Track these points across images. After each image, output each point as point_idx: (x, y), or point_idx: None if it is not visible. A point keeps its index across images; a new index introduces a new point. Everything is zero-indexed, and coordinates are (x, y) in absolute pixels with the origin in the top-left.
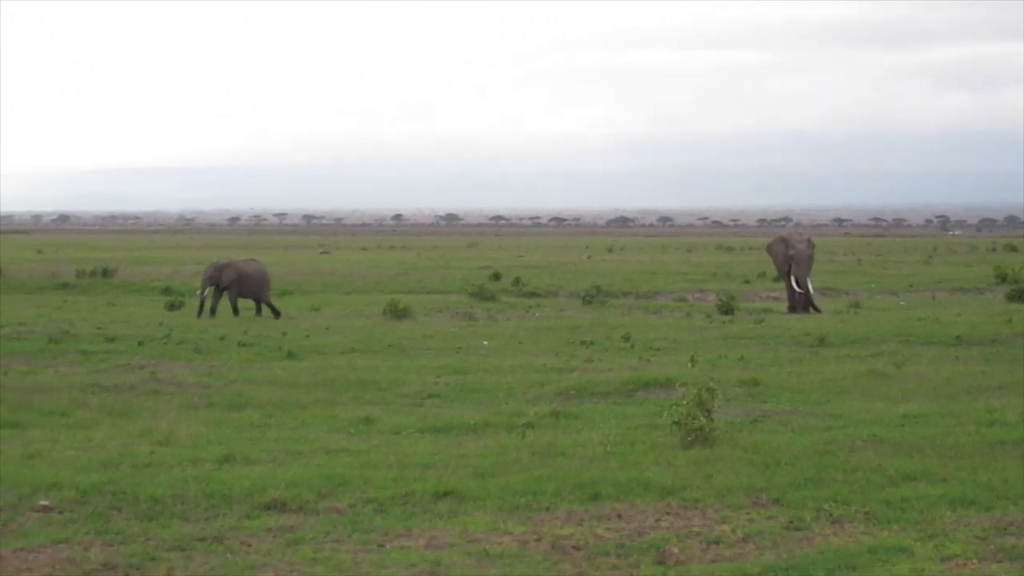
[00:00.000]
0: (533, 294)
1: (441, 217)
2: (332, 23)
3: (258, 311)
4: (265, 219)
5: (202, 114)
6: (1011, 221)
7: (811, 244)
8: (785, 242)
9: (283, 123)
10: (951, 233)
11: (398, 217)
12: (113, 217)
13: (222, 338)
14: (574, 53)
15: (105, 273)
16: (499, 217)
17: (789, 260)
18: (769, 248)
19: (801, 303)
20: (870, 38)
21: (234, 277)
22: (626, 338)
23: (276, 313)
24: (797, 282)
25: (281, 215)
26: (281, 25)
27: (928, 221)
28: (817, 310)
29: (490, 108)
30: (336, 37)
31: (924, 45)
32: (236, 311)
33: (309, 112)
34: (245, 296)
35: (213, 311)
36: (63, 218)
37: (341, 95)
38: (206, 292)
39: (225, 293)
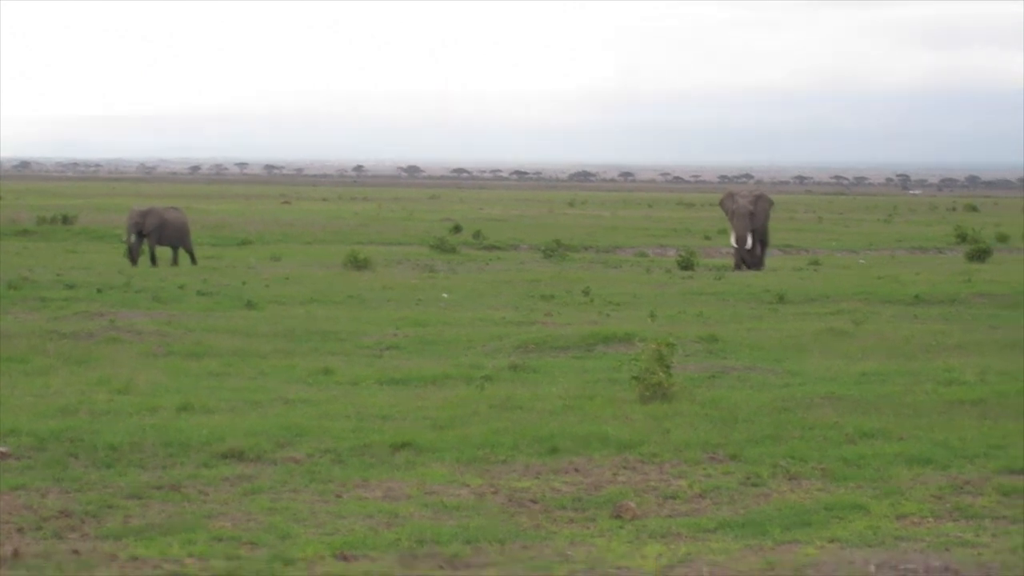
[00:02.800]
0: (493, 247)
1: (403, 169)
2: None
3: (175, 260)
4: (226, 168)
5: (164, 63)
6: (972, 181)
7: (758, 200)
8: (732, 197)
9: (246, 72)
10: (911, 192)
11: (359, 168)
12: (74, 164)
13: (181, 287)
14: (538, 6)
15: (65, 220)
16: (461, 170)
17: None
18: (721, 203)
19: (742, 259)
20: None
21: (156, 223)
22: (586, 292)
23: (194, 262)
24: (736, 238)
25: (242, 164)
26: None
27: (889, 180)
28: (749, 266)
29: (454, 60)
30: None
31: (889, 2)
32: (154, 260)
33: (272, 62)
34: (164, 244)
35: (134, 259)
36: (24, 164)
37: (305, 46)
38: (131, 238)
39: (145, 240)
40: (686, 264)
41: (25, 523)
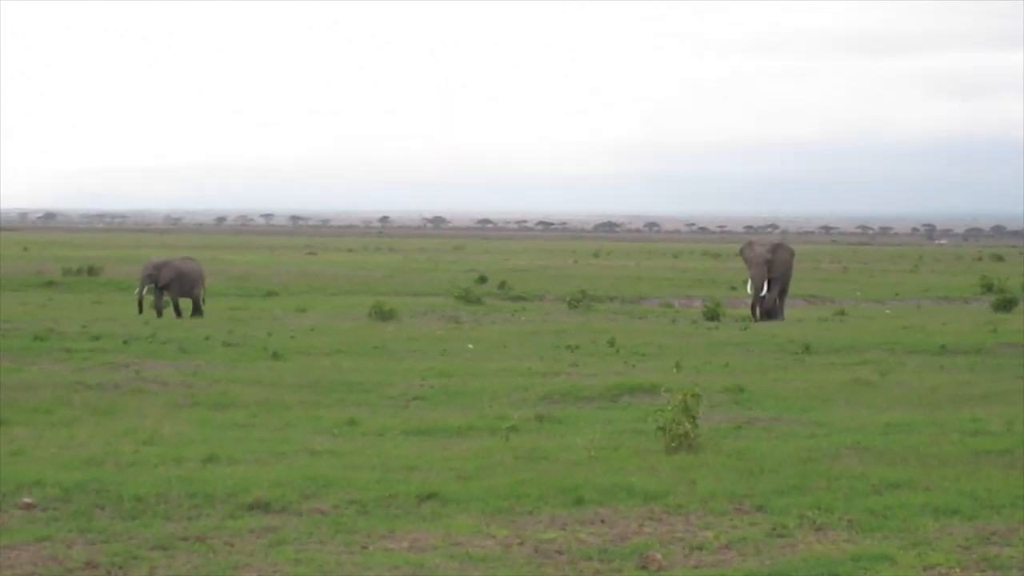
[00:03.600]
0: (519, 298)
1: (428, 219)
2: (324, 24)
3: (195, 310)
4: (252, 219)
5: (190, 114)
6: (998, 231)
7: (777, 249)
8: (751, 245)
9: (271, 124)
10: (937, 242)
11: (385, 219)
12: (100, 216)
13: (207, 338)
14: (563, 57)
15: (91, 271)
16: (486, 220)
17: (750, 263)
18: (741, 252)
19: (761, 307)
20: (859, 45)
21: (173, 276)
22: (611, 343)
23: (200, 313)
24: (753, 286)
25: (268, 215)
26: (272, 25)
27: (914, 230)
28: (754, 319)
29: (479, 111)
30: (327, 38)
31: (914, 53)
32: (179, 312)
33: (297, 112)
34: (182, 295)
35: (159, 311)
36: (50, 216)
37: (330, 96)
38: (144, 290)
39: (165, 292)
40: (712, 315)
41: (50, 574)
